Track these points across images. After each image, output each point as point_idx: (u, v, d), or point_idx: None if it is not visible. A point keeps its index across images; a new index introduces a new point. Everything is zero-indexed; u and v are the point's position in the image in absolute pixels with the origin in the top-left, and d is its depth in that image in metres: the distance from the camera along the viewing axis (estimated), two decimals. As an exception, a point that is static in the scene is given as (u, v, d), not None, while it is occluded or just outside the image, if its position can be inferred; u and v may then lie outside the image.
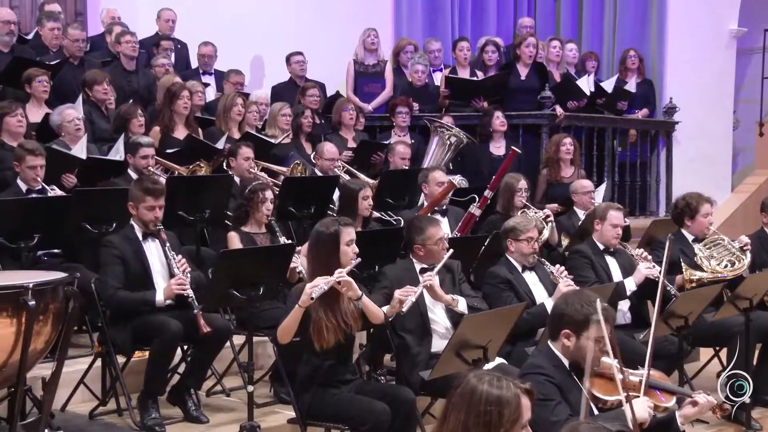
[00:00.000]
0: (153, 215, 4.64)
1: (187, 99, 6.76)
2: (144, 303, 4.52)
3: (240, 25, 8.98)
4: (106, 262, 4.56)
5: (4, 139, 5.76)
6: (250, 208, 5.28)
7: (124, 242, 4.61)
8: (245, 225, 5.29)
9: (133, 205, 4.67)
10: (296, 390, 4.11)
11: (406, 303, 4.21)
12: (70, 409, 4.70)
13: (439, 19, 10.19)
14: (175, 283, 4.49)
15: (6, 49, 6.94)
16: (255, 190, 5.28)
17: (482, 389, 2.34)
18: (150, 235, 4.68)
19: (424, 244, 4.57)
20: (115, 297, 4.50)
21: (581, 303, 3.27)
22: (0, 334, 3.71)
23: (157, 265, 4.67)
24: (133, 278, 4.57)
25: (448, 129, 7.54)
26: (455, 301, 4.49)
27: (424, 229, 4.60)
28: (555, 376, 3.23)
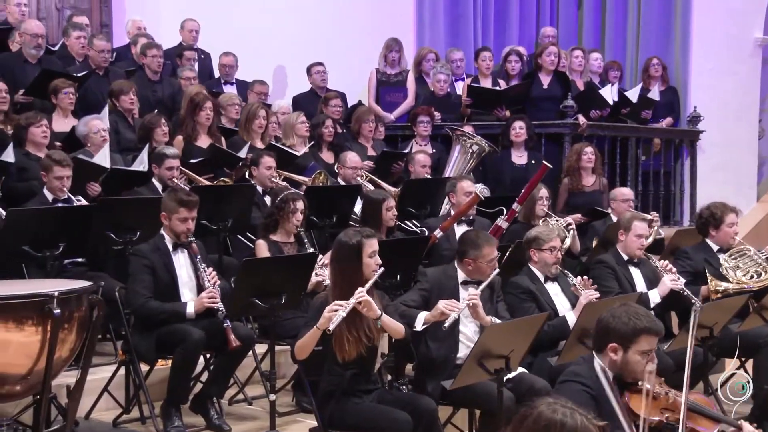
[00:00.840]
0: (185, 227, 4.66)
1: (209, 110, 6.80)
2: (175, 315, 4.54)
3: (262, 36, 9.03)
4: (135, 272, 4.59)
5: (29, 149, 5.82)
6: (280, 218, 5.29)
7: (154, 252, 4.64)
8: (274, 234, 5.30)
9: (165, 216, 4.69)
10: (318, 399, 4.11)
11: (450, 319, 4.18)
12: (94, 417, 4.72)
13: (462, 28, 10.20)
14: (206, 296, 4.51)
15: (34, 61, 7.03)
16: (287, 200, 5.28)
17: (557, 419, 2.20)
18: (180, 246, 4.70)
19: (476, 260, 4.50)
20: (146, 307, 4.53)
21: (629, 316, 3.23)
22: (25, 342, 3.75)
23: (185, 276, 4.69)
24: (160, 288, 4.59)
25: (470, 137, 7.54)
26: (493, 323, 4.40)
27: (481, 246, 4.51)
28: (594, 386, 3.20)
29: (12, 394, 3.87)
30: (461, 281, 4.52)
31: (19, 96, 6.68)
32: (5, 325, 3.71)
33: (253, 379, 5.20)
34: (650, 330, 3.18)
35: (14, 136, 5.90)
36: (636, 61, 10.20)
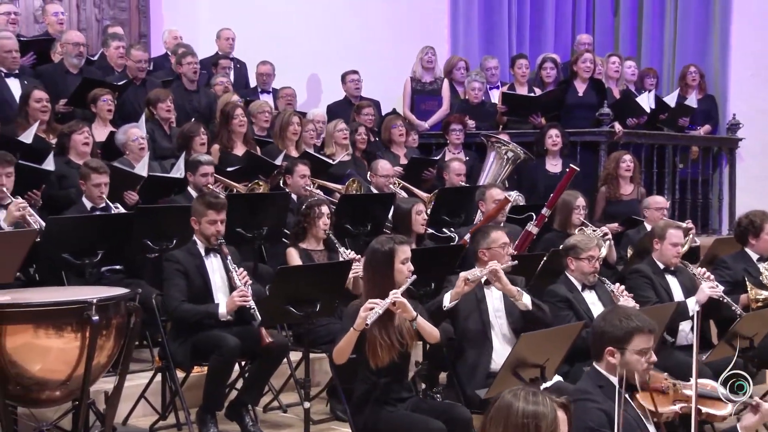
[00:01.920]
0: (215, 229, 4.71)
1: (242, 117, 6.86)
2: (207, 316, 4.58)
3: (297, 44, 9.10)
4: (169, 276, 4.64)
5: (71, 157, 5.90)
6: (307, 225, 5.31)
7: (187, 257, 4.69)
8: (303, 241, 5.33)
9: (195, 220, 4.74)
10: (352, 407, 4.11)
11: (471, 274, 4.29)
12: (131, 423, 4.77)
13: (496, 36, 10.19)
14: (238, 295, 4.55)
15: (75, 71, 7.15)
16: (311, 206, 5.32)
17: (518, 405, 2.34)
18: (212, 250, 4.74)
19: (489, 248, 4.58)
20: (179, 309, 4.57)
21: (619, 318, 3.24)
22: (65, 348, 3.80)
23: (218, 280, 4.74)
24: (194, 293, 4.64)
25: (505, 144, 7.51)
26: (520, 294, 4.45)
27: (488, 233, 4.63)
28: (602, 400, 3.18)
29: (52, 399, 3.93)
30: (484, 281, 4.53)
31: (60, 105, 6.79)
32: (45, 332, 3.77)
33: (287, 386, 5.21)
34: (642, 329, 3.18)
35: (57, 144, 5.99)
36: (672, 69, 10.11)
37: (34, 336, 3.75)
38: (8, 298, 3.84)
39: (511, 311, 4.53)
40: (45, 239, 4.73)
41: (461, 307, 4.47)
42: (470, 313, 4.37)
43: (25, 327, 3.75)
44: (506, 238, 4.69)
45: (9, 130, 5.97)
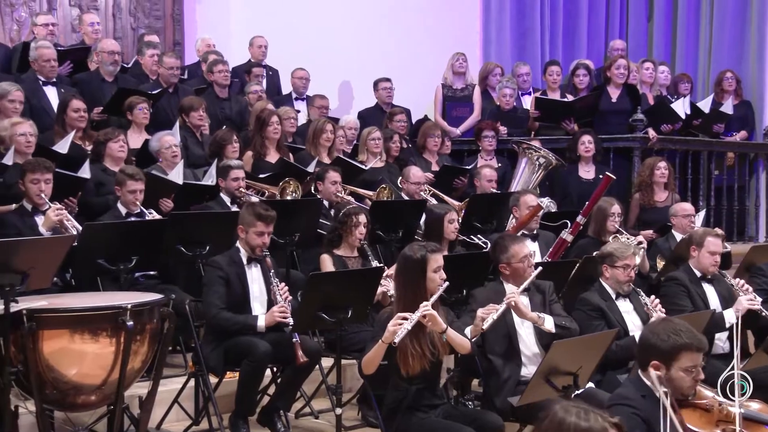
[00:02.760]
0: (261, 241, 4.72)
1: (276, 125, 6.90)
2: (245, 327, 4.60)
3: (329, 52, 9.14)
4: (210, 282, 4.66)
5: (106, 164, 5.97)
6: (344, 232, 5.32)
7: (229, 264, 4.71)
8: (338, 248, 5.34)
9: (243, 229, 4.76)
10: (384, 414, 4.11)
11: (487, 320, 4.18)
12: (164, 428, 4.81)
13: (529, 42, 10.16)
14: (278, 311, 4.56)
15: (110, 79, 7.25)
16: (349, 214, 5.32)
17: (570, 421, 2.28)
18: (254, 260, 4.76)
19: (509, 263, 4.50)
20: (218, 317, 4.60)
21: (668, 333, 3.17)
22: (100, 353, 3.85)
23: (256, 290, 4.76)
24: (232, 300, 4.66)
25: (537, 150, 7.47)
26: (541, 319, 4.39)
27: (507, 247, 4.52)
28: (642, 408, 3.14)
29: (87, 403, 3.98)
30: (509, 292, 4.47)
31: (95, 113, 6.88)
32: (81, 337, 3.81)
33: (319, 392, 5.22)
34: (690, 346, 3.12)
35: (92, 151, 6.07)
36: (708, 74, 10.00)
37: (70, 341, 3.80)
38: (45, 303, 3.89)
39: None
40: (81, 245, 4.78)
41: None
42: (496, 325, 4.32)
43: (62, 332, 3.80)
44: (527, 250, 4.58)
45: (46, 137, 6.06)
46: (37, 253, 3.86)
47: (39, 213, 5.10)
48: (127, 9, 9.05)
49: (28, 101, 6.33)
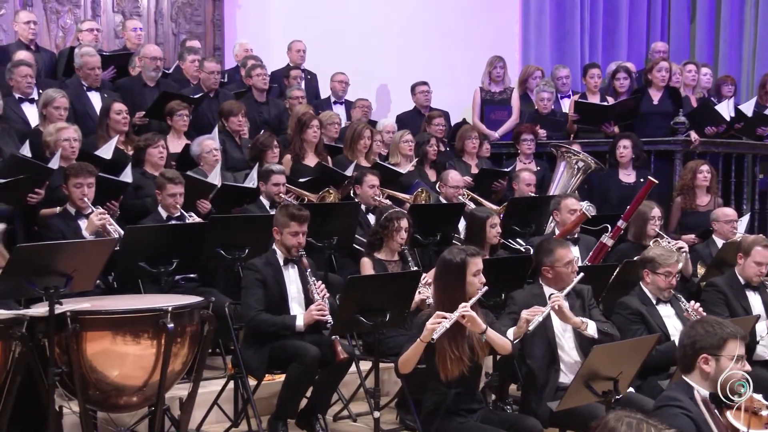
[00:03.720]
0: (296, 241, 4.76)
1: (316, 128, 6.94)
2: (284, 327, 4.63)
3: (367, 56, 9.16)
4: (248, 285, 4.70)
5: (146, 169, 6.05)
6: (385, 236, 5.32)
7: (266, 267, 4.75)
8: (379, 252, 5.35)
9: (277, 230, 4.80)
10: (422, 418, 4.10)
11: (533, 322, 4.15)
12: (204, 429, 4.84)
13: (568, 45, 10.09)
14: (315, 308, 4.59)
15: (152, 84, 7.35)
16: (391, 218, 5.32)
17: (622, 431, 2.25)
18: (290, 261, 4.80)
19: (553, 266, 4.47)
20: (256, 319, 4.63)
21: (711, 325, 3.24)
22: (141, 354, 3.90)
23: (294, 291, 4.79)
24: (270, 302, 4.69)
25: (575, 154, 7.42)
26: (584, 324, 4.35)
27: (553, 250, 4.49)
28: (692, 409, 3.11)
29: (129, 404, 4.03)
30: (548, 295, 4.43)
31: (138, 118, 6.97)
32: (123, 339, 3.87)
33: (357, 396, 5.23)
34: (735, 335, 3.20)
35: (133, 156, 6.16)
36: (752, 76, 9.85)
37: (112, 342, 3.85)
38: (88, 305, 3.95)
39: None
40: (123, 248, 4.85)
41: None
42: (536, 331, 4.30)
43: (104, 333, 3.86)
44: (572, 256, 4.56)
45: (90, 141, 6.15)
46: (80, 255, 3.92)
47: (82, 217, 5.18)
48: (168, 15, 9.17)
49: (73, 106, 6.44)
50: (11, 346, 3.63)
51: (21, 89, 6.48)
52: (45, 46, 8.08)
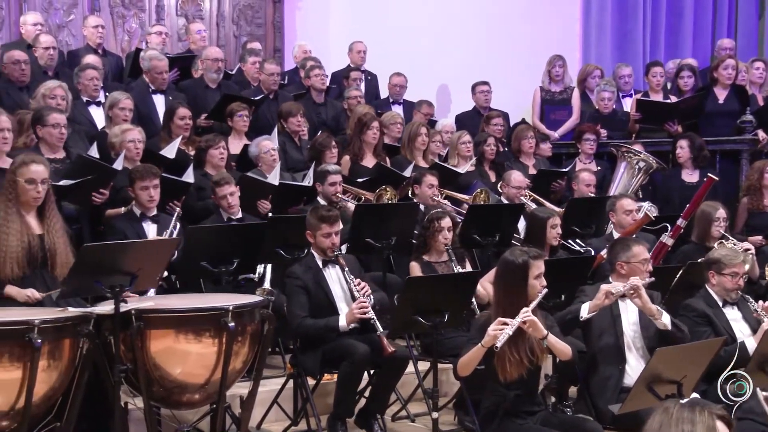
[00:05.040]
0: (330, 242, 4.77)
1: (376, 129, 6.96)
2: (328, 329, 4.65)
3: (427, 56, 9.16)
4: (291, 293, 4.73)
5: (207, 170, 6.14)
6: (428, 237, 5.31)
7: (306, 272, 4.77)
8: (426, 254, 5.34)
9: (311, 234, 4.82)
10: (481, 419, 4.08)
11: (614, 289, 4.17)
12: (264, 427, 4.90)
13: (630, 43, 9.95)
14: (357, 307, 4.59)
15: (214, 86, 7.47)
16: (432, 219, 5.31)
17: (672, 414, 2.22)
18: (329, 262, 4.82)
19: (629, 261, 4.44)
20: (302, 326, 4.66)
21: None
22: (203, 353, 3.95)
23: (339, 290, 4.81)
24: (316, 305, 4.72)
25: (636, 154, 7.30)
26: (659, 313, 4.29)
27: (630, 246, 4.48)
28: None
29: (191, 402, 4.09)
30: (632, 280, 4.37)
31: (201, 120, 7.09)
32: (185, 337, 3.93)
33: (415, 396, 5.23)
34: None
35: (194, 157, 6.26)
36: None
37: (175, 340, 3.92)
38: (152, 304, 4.03)
39: (647, 326, 4.38)
40: (186, 248, 4.93)
41: (595, 320, 4.36)
42: (605, 327, 4.26)
43: (167, 332, 3.92)
44: (647, 254, 4.53)
45: (153, 142, 6.27)
46: (145, 255, 3.99)
47: (147, 219, 5.29)
48: (230, 17, 9.31)
49: (137, 108, 6.57)
50: (79, 342, 3.72)
51: (89, 92, 6.65)
52: (111, 49, 8.28)
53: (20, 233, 4.06)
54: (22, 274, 4.05)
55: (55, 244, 4.15)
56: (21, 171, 4.11)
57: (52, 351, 3.60)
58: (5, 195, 4.11)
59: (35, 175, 4.11)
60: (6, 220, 4.05)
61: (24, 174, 4.11)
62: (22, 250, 4.04)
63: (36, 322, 3.51)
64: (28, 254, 4.07)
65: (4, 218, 4.05)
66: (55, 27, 8.40)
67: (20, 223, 4.08)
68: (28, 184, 4.10)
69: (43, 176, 4.14)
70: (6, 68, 6.73)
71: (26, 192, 4.11)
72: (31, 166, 4.12)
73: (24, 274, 4.05)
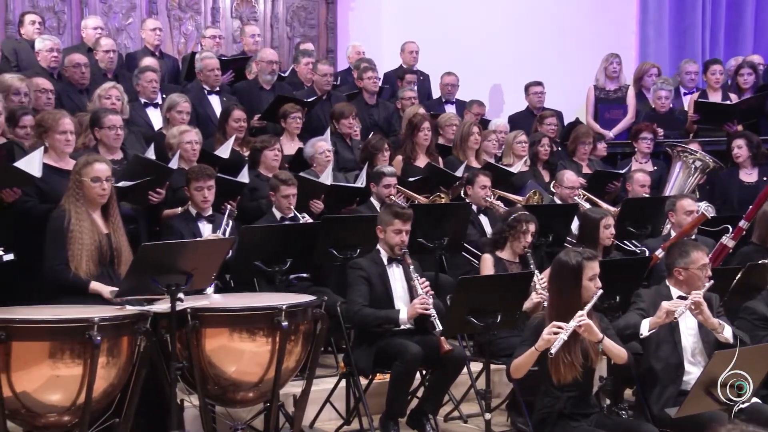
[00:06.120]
0: (399, 239, 4.80)
1: (427, 131, 6.95)
2: (388, 320, 4.68)
3: (480, 56, 9.12)
4: (353, 282, 4.77)
5: (261, 171, 6.20)
6: (510, 236, 5.27)
7: (370, 265, 4.81)
8: (501, 251, 5.31)
9: (381, 229, 4.85)
10: (535, 421, 4.05)
11: (677, 312, 4.06)
12: (317, 426, 4.92)
13: (689, 40, 9.78)
14: (419, 302, 4.61)
15: (268, 87, 7.54)
16: (519, 220, 5.25)
17: None
18: (394, 260, 4.84)
19: (687, 268, 4.33)
20: (360, 313, 4.68)
21: None
22: (257, 351, 4.00)
23: (399, 290, 4.83)
24: (375, 299, 4.74)
25: (692, 153, 7.16)
26: (721, 327, 4.21)
27: (689, 252, 4.36)
28: None
29: (245, 400, 4.14)
30: (675, 297, 4.29)
31: (255, 121, 7.16)
32: (240, 336, 3.98)
33: (468, 397, 5.21)
34: None
35: (249, 157, 6.32)
36: None
37: (229, 339, 3.97)
38: (207, 303, 4.09)
39: (707, 332, 4.29)
40: (239, 247, 4.99)
41: None
42: (663, 334, 4.17)
43: (222, 330, 3.97)
44: (707, 259, 4.41)
45: (208, 143, 6.36)
46: (200, 254, 4.05)
47: (202, 219, 5.36)
48: (283, 19, 9.39)
49: (194, 110, 6.67)
50: (137, 340, 3.78)
51: (147, 94, 6.77)
52: (168, 52, 8.42)
53: (91, 232, 4.19)
54: (97, 271, 4.16)
55: (120, 243, 4.28)
56: (86, 170, 4.23)
57: (111, 348, 3.68)
58: (73, 196, 4.23)
59: (100, 173, 4.24)
60: (78, 219, 4.17)
61: (89, 173, 4.22)
62: (95, 248, 4.17)
63: (95, 320, 3.58)
64: (99, 253, 4.18)
65: (76, 217, 4.17)
66: (114, 30, 8.57)
67: (90, 222, 4.21)
68: (93, 182, 4.22)
69: (107, 174, 4.28)
70: (67, 71, 6.89)
71: (92, 190, 4.22)
72: (94, 165, 4.25)
73: (97, 272, 4.16)
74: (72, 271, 4.12)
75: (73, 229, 4.14)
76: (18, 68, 7.10)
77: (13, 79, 5.86)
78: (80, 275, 4.13)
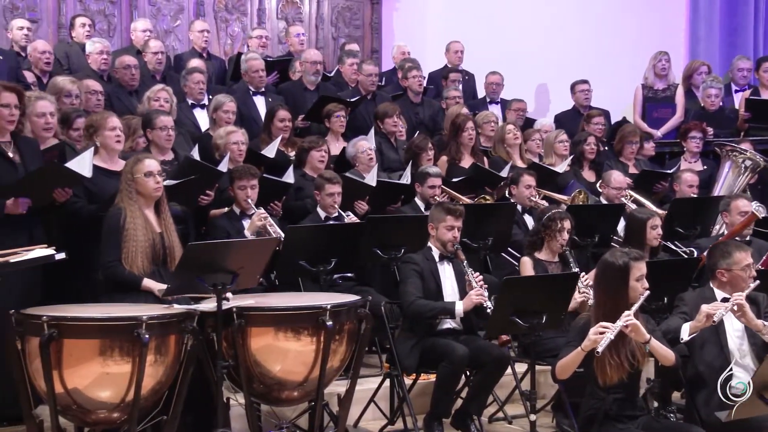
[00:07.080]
0: (452, 235, 4.82)
1: (471, 131, 6.92)
2: (443, 311, 4.69)
3: (525, 55, 9.06)
4: (406, 276, 4.79)
5: (306, 171, 6.23)
6: (546, 236, 5.24)
7: (423, 260, 4.84)
8: (539, 252, 5.28)
9: (432, 226, 4.88)
10: (580, 423, 4.02)
11: (716, 316, 3.98)
12: (362, 426, 4.94)
13: (740, 38, 9.61)
14: (475, 294, 4.62)
15: (312, 88, 7.58)
16: (554, 218, 5.23)
17: None
18: (445, 258, 4.86)
19: (730, 269, 4.27)
20: (415, 304, 4.69)
21: None
22: (302, 350, 4.03)
23: (449, 287, 4.84)
24: (426, 295, 4.75)
25: (741, 152, 7.03)
26: (766, 328, 4.13)
27: (731, 253, 4.30)
28: None
29: (290, 399, 4.17)
30: (720, 299, 4.21)
31: (299, 122, 7.20)
32: (285, 335, 4.01)
33: (512, 398, 5.19)
34: None
35: (295, 157, 6.36)
36: None
37: (274, 338, 4.00)
38: (252, 302, 4.13)
39: (754, 333, 4.22)
40: (284, 247, 5.02)
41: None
42: (708, 336, 4.11)
43: (267, 329, 4.01)
44: (750, 259, 4.33)
45: (253, 144, 6.41)
46: (245, 254, 4.08)
47: (246, 217, 5.41)
48: (329, 19, 9.44)
49: (239, 110, 6.73)
50: (184, 339, 3.83)
51: (194, 95, 6.86)
52: (215, 53, 8.52)
53: (146, 230, 4.26)
54: (150, 269, 4.23)
55: (172, 242, 4.34)
56: (137, 167, 4.32)
57: (159, 346, 3.73)
58: (126, 194, 4.31)
59: (151, 167, 4.33)
60: (132, 217, 4.24)
61: (141, 169, 4.30)
62: (149, 246, 4.23)
63: (144, 318, 3.64)
64: (153, 251, 4.25)
65: (131, 216, 4.24)
66: (163, 32, 8.70)
67: (144, 220, 4.28)
68: (146, 177, 4.30)
69: (158, 168, 4.37)
70: (117, 73, 7.01)
71: (146, 185, 4.30)
72: (145, 161, 4.35)
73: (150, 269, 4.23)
74: (126, 268, 4.19)
75: (128, 227, 4.21)
76: (69, 71, 7.25)
77: (65, 82, 5.99)
78: (134, 272, 4.20)
